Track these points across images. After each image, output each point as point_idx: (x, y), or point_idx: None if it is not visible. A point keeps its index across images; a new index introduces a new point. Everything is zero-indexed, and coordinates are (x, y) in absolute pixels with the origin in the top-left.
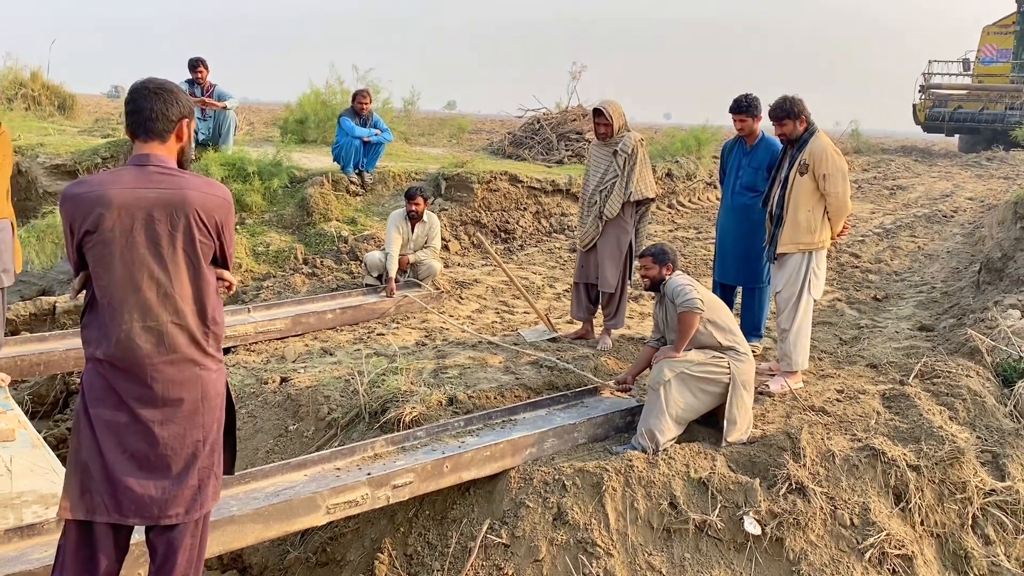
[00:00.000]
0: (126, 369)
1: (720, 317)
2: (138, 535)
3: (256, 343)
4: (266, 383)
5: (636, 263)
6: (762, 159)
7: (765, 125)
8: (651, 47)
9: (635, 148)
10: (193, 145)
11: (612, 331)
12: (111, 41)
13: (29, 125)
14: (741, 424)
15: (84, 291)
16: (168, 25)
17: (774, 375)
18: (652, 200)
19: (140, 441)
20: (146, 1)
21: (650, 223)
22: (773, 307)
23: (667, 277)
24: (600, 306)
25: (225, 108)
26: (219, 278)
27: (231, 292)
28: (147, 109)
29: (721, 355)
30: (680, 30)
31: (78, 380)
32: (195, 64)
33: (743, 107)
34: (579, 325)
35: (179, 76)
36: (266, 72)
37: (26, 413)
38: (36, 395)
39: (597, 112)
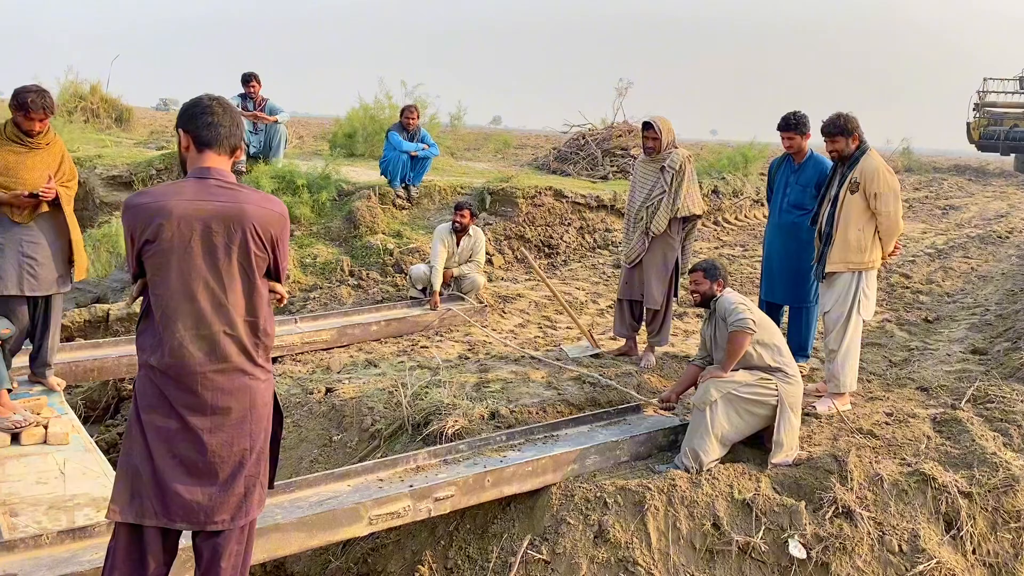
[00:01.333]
0: (178, 377)
1: (770, 338)
2: (186, 540)
3: (302, 353)
4: (311, 393)
5: (684, 279)
6: (810, 177)
7: (813, 143)
8: (697, 63)
9: (683, 164)
10: (245, 158)
11: (656, 348)
12: (158, 55)
13: (87, 137)
14: (787, 446)
15: (140, 299)
16: (213, 39)
17: (821, 396)
18: (699, 217)
19: (189, 448)
20: (195, 16)
21: (696, 240)
22: (821, 327)
23: (718, 294)
24: (644, 323)
25: (276, 122)
26: (271, 291)
27: (282, 304)
28: (224, 124)
29: (769, 376)
30: (726, 44)
31: (130, 386)
32: (248, 79)
33: (792, 124)
34: (622, 342)
35: (225, 89)
36: (315, 87)
37: (79, 417)
38: (89, 400)
39: (647, 125)
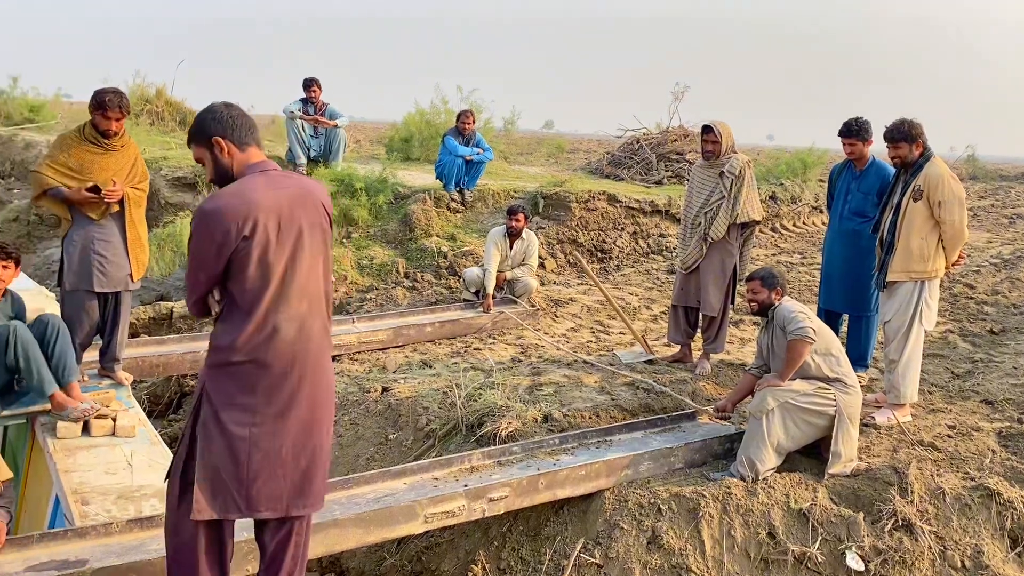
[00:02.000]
0: (266, 365)
1: (829, 347)
2: (247, 532)
3: (359, 353)
4: (368, 392)
5: (742, 286)
6: (872, 184)
7: (875, 149)
8: (754, 66)
9: (742, 169)
10: (305, 160)
11: (711, 356)
12: (216, 59)
13: (153, 139)
14: (845, 457)
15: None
16: (269, 43)
17: (880, 407)
18: (758, 222)
19: (271, 438)
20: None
21: (753, 246)
22: (881, 337)
23: (777, 302)
24: (700, 330)
25: (336, 126)
26: None
27: None
28: (249, 120)
29: (828, 386)
30: (784, 47)
31: (192, 382)
32: (309, 83)
33: (853, 130)
34: (676, 348)
35: (285, 94)
36: (371, 92)
37: (143, 411)
38: (152, 395)
39: (706, 129)
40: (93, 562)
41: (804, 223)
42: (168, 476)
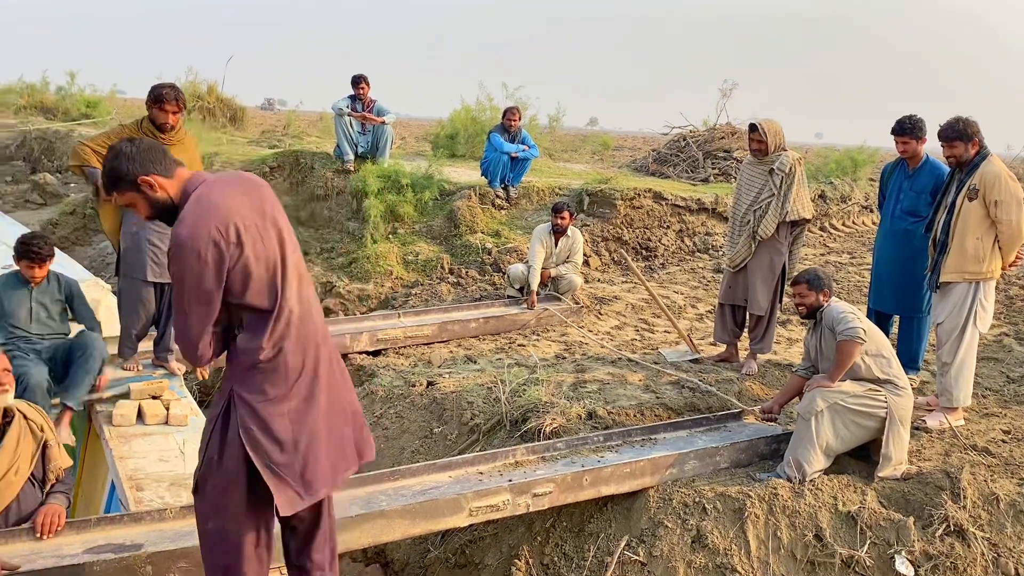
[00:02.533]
0: (291, 351)
1: (879, 348)
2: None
3: (404, 347)
4: (413, 386)
5: (789, 289)
6: (925, 183)
7: (928, 148)
8: (803, 64)
9: (792, 167)
10: (353, 156)
11: (758, 355)
12: (263, 55)
13: (205, 135)
14: (896, 460)
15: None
16: (316, 40)
17: (932, 410)
18: (808, 221)
19: (307, 417)
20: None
21: (803, 245)
22: (933, 338)
23: (825, 304)
24: (747, 329)
25: (383, 123)
26: None
27: None
28: (161, 148)
29: (878, 388)
30: (833, 44)
31: None
32: (357, 80)
33: (907, 128)
34: (722, 347)
35: (333, 91)
36: (418, 89)
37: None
38: (202, 385)
39: (752, 128)
40: (148, 546)
41: (854, 223)
42: (196, 491)
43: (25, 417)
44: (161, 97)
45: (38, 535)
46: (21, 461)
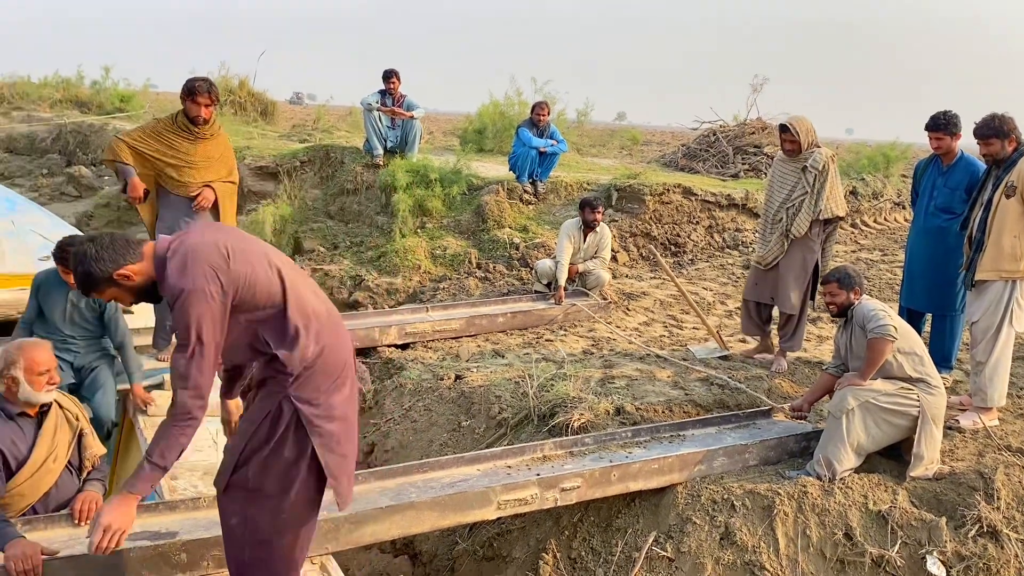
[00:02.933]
0: (328, 344)
1: (912, 346)
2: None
3: (433, 341)
4: (442, 379)
5: (820, 288)
6: (960, 179)
7: (964, 144)
8: (832, 57)
9: (826, 164)
10: (382, 151)
11: (787, 353)
12: (294, 50)
13: (236, 129)
14: (928, 459)
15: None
16: (345, 34)
17: (966, 410)
18: (841, 219)
19: (346, 428)
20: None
21: (836, 243)
22: (966, 337)
23: (856, 302)
24: (777, 327)
25: (412, 117)
26: None
27: None
28: (122, 237)
29: (911, 387)
30: (863, 44)
31: None
32: (389, 75)
33: (941, 124)
34: (751, 344)
35: (362, 86)
36: (446, 83)
37: None
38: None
39: (783, 128)
40: (183, 534)
41: (885, 219)
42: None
43: (61, 407)
44: (194, 89)
45: (76, 521)
46: (59, 449)
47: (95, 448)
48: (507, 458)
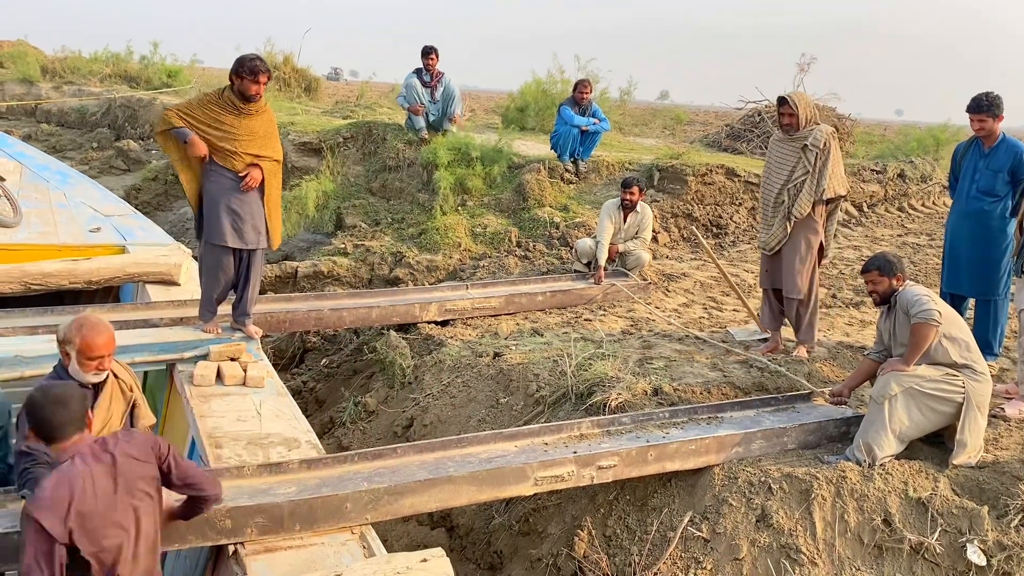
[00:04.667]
0: None
1: (958, 332)
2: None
3: (472, 318)
4: (481, 356)
5: (861, 276)
6: (1003, 162)
7: (1006, 126)
8: (882, 37)
9: (827, 142)
10: (424, 125)
11: (806, 349)
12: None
13: (281, 105)
14: (971, 447)
15: None
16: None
17: (1011, 399)
18: (843, 197)
19: None
20: None
21: (843, 223)
22: (1014, 325)
23: (899, 288)
24: (786, 316)
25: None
26: None
27: None
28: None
29: (955, 372)
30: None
31: (314, 339)
32: (428, 51)
33: (983, 106)
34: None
35: (403, 63)
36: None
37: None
38: (277, 349)
39: (781, 101)
40: (227, 501)
41: (934, 203)
42: None
43: (116, 377)
44: (256, 69)
45: None
46: (113, 419)
47: (146, 419)
48: (544, 435)
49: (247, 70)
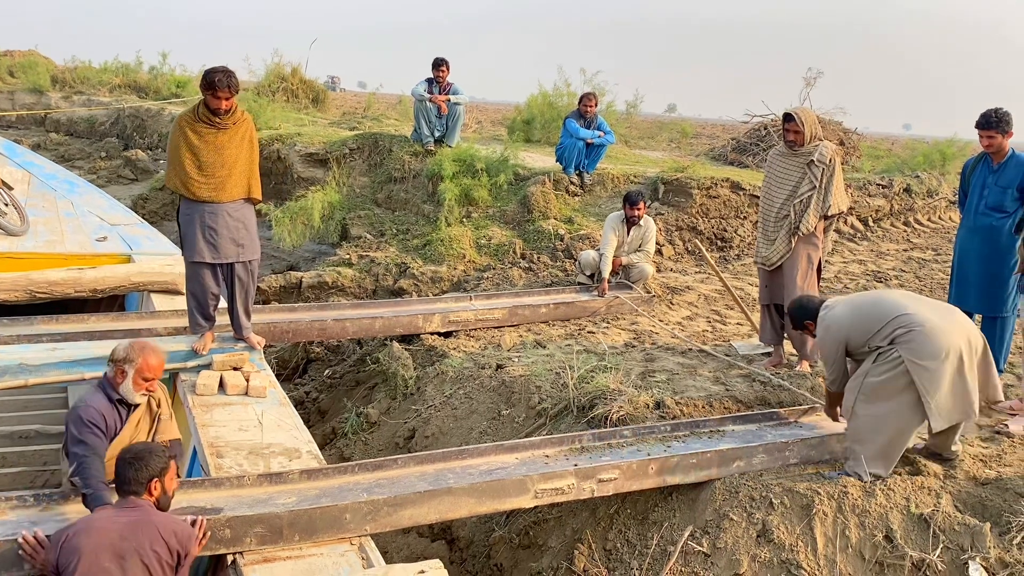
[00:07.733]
0: None
1: (861, 333)
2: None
3: (475, 330)
4: (483, 368)
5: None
6: (1012, 178)
7: (1014, 142)
8: (890, 51)
9: (832, 158)
10: (432, 138)
11: (808, 363)
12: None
13: (288, 116)
14: (941, 408)
15: None
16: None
17: (1015, 415)
18: (843, 213)
19: None
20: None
21: (832, 238)
22: (1019, 341)
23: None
24: (785, 333)
25: (448, 100)
26: None
27: None
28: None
29: (890, 348)
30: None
31: (318, 349)
32: (438, 64)
33: (992, 122)
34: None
35: (409, 76)
36: (495, 73)
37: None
38: (281, 360)
39: (787, 118)
40: (227, 510)
41: (940, 218)
42: None
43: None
44: (213, 84)
45: None
46: (139, 435)
47: (168, 434)
48: (545, 447)
49: (206, 84)
